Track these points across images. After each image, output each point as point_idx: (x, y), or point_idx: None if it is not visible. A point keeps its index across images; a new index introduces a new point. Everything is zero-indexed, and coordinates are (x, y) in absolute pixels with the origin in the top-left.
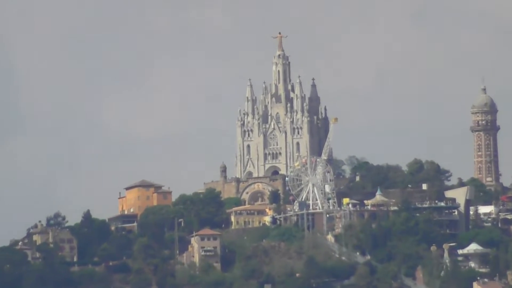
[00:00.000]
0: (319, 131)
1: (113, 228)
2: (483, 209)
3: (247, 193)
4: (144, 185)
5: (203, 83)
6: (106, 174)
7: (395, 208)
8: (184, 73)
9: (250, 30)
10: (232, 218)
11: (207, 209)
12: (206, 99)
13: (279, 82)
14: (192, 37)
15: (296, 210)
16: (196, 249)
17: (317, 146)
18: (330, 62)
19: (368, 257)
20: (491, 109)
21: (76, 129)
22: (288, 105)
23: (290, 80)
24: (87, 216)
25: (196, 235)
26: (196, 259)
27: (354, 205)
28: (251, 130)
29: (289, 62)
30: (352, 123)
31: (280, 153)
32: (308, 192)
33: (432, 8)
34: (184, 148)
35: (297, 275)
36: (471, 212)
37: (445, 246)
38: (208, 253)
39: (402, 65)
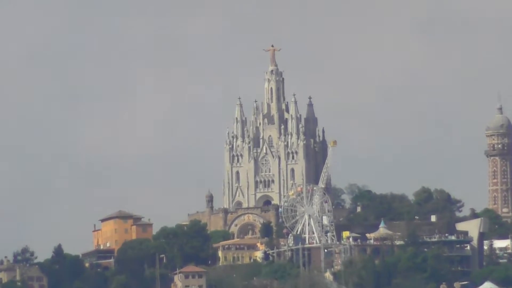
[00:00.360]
0: (316, 156)
1: (87, 264)
2: (499, 244)
3: (236, 225)
4: (122, 217)
5: (186, 102)
6: (79, 204)
7: (401, 242)
8: (166, 91)
9: (239, 42)
10: (220, 254)
11: (192, 243)
12: (190, 120)
13: (271, 101)
14: (175, 52)
15: (291, 244)
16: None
17: (314, 172)
18: (329, 79)
19: None
20: (508, 131)
21: (46, 153)
22: (282, 126)
23: (284, 99)
24: (58, 251)
25: (179, 273)
26: None
27: (355, 239)
28: (241, 155)
29: (282, 79)
30: (353, 147)
31: (273, 181)
32: (304, 225)
33: (442, 21)
34: (166, 174)
35: None
36: (485, 247)
37: (456, 285)
38: None
39: (409, 83)
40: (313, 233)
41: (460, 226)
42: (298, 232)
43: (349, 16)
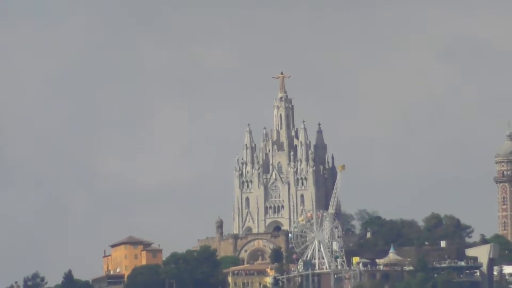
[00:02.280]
0: (326, 182)
1: None
2: (509, 269)
3: (246, 251)
4: (132, 242)
5: (196, 130)
6: (89, 230)
7: (411, 268)
8: (178, 120)
9: (249, 69)
10: (230, 279)
11: (202, 269)
12: (199, 146)
13: (281, 128)
14: (185, 78)
15: (301, 270)
16: None
17: (323, 198)
18: (338, 105)
19: None
20: None
21: (58, 179)
22: (291, 153)
23: (293, 126)
24: (68, 276)
25: None
26: None
27: (365, 264)
28: (251, 181)
29: (292, 106)
30: (362, 173)
31: (282, 207)
32: (313, 250)
33: (456, 49)
34: (176, 200)
35: None
36: (495, 273)
37: None
38: None
39: (418, 110)
40: (323, 258)
41: (470, 252)
42: (308, 258)
43: (360, 42)
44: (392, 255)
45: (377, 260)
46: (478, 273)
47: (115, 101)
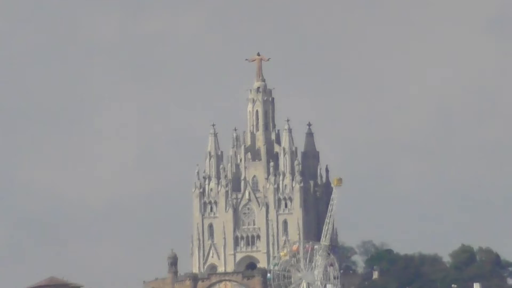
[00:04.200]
0: (318, 203)
1: None
2: None
3: None
4: (53, 285)
5: (146, 131)
6: (5, 266)
7: None
8: (124, 117)
9: (213, 50)
10: None
11: None
12: (145, 155)
13: (257, 130)
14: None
15: None
16: None
17: (314, 226)
18: (336, 98)
19: None
20: None
21: None
22: (271, 164)
23: (274, 126)
24: None
25: None
26: None
27: None
28: (215, 202)
29: (272, 99)
30: (366, 190)
31: (258, 237)
32: None
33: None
34: (116, 227)
35: None
36: None
37: None
38: None
39: (444, 101)
40: None
41: None
42: None
43: (363, 15)
44: None
45: None
46: None
47: (44, 90)
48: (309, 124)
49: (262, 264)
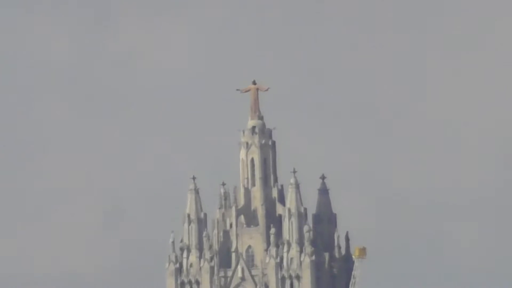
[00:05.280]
0: (335, 282)
1: None
2: None
3: None
4: None
5: (94, 192)
6: None
7: None
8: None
9: (194, 77)
10: None
11: None
12: (105, 221)
13: (253, 185)
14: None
15: None
16: None
17: None
18: (358, 142)
19: None
20: None
21: None
22: (272, 230)
23: (275, 180)
24: None
25: None
26: None
27: None
28: (196, 282)
29: (273, 142)
30: (397, 265)
31: None
32: None
33: None
34: None
35: None
36: None
37: None
38: None
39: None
40: None
41: None
42: None
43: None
44: None
45: None
46: None
47: None
48: (323, 177)
49: None
